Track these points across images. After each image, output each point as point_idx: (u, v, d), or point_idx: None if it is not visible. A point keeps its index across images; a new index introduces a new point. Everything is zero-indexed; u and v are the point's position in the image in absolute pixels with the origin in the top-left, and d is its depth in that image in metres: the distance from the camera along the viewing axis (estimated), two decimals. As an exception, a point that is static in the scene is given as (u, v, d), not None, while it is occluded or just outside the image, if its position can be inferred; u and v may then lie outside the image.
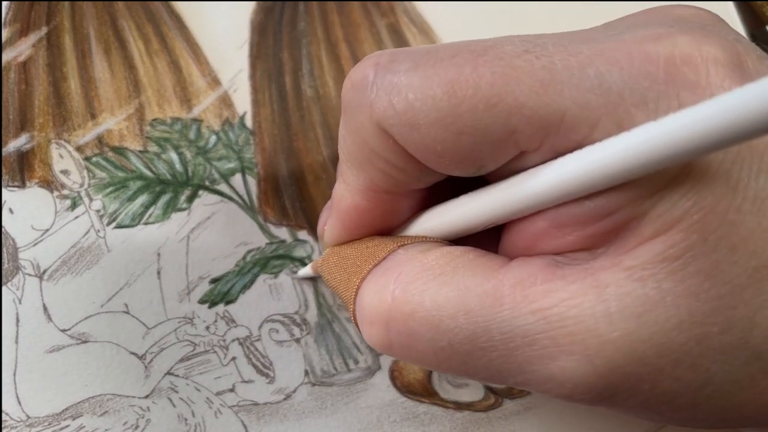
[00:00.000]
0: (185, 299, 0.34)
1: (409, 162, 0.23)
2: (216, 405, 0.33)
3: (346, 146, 0.25)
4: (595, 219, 0.21)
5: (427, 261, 0.24)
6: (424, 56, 0.22)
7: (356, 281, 0.25)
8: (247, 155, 0.36)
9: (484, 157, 0.22)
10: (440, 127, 0.21)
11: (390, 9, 0.40)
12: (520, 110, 0.20)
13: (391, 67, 0.22)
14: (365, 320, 0.25)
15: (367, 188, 0.25)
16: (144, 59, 0.37)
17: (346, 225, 0.27)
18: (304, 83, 0.38)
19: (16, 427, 0.31)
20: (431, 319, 0.23)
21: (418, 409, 0.34)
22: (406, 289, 0.23)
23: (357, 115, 0.23)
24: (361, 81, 0.23)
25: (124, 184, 0.35)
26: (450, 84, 0.21)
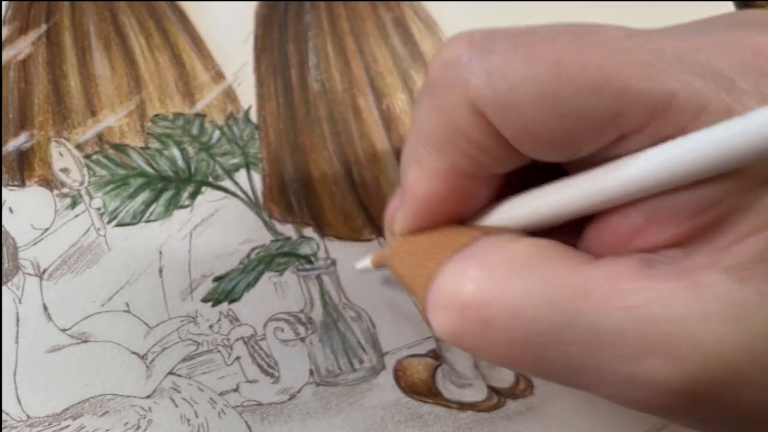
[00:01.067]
0: (188, 298, 0.34)
1: (499, 144, 0.22)
2: (220, 405, 0.33)
3: (428, 127, 0.24)
4: (694, 213, 0.20)
5: (514, 249, 0.23)
6: (524, 36, 0.21)
7: (432, 266, 0.24)
8: (252, 150, 0.36)
9: (583, 141, 0.21)
10: (542, 108, 0.20)
11: (396, 3, 0.40)
12: (629, 92, 0.19)
13: (487, 46, 0.21)
14: (438, 304, 0.23)
15: (448, 172, 0.24)
16: (145, 54, 0.37)
17: (421, 213, 0.26)
18: (310, 77, 0.38)
19: (16, 427, 0.31)
20: (512, 308, 0.22)
21: (421, 409, 0.34)
22: (489, 276, 0.22)
23: (448, 94, 0.22)
24: (454, 59, 0.22)
25: (125, 181, 0.35)
26: (555, 64, 0.20)
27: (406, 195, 0.26)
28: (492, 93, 0.21)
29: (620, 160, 0.21)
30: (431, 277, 0.24)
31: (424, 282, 0.24)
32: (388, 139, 0.37)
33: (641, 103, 0.19)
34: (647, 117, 0.20)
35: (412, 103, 0.38)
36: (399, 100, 0.38)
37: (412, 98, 0.38)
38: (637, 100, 0.19)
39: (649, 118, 0.20)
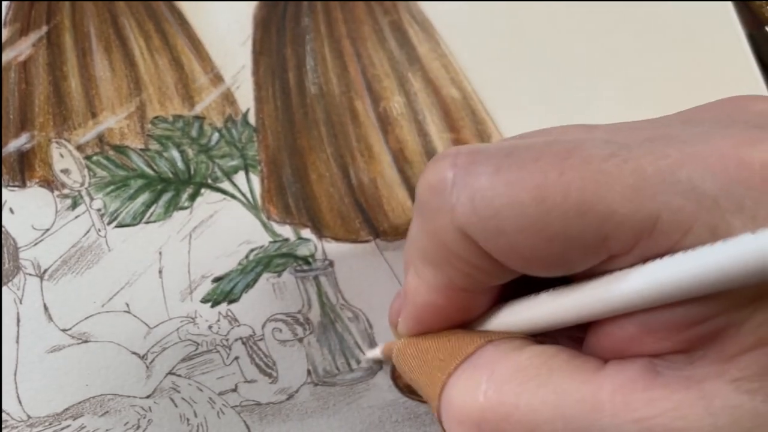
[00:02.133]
0: (187, 298, 0.34)
1: (491, 263, 0.22)
2: (218, 405, 0.33)
3: (423, 246, 0.24)
4: (688, 325, 0.20)
5: (520, 360, 0.23)
6: (506, 159, 0.21)
7: (441, 377, 0.24)
8: (251, 152, 0.36)
9: (573, 261, 0.21)
10: (529, 234, 0.20)
11: (393, 6, 0.40)
12: (613, 217, 0.19)
13: (471, 170, 0.21)
14: (453, 419, 0.24)
15: (445, 286, 0.24)
16: (145, 56, 0.37)
17: (422, 320, 0.26)
18: (308, 80, 0.38)
19: (16, 427, 0.31)
20: (527, 423, 0.22)
21: (419, 409, 0.34)
22: (500, 390, 0.22)
23: (436, 218, 0.22)
24: (439, 183, 0.22)
25: (125, 182, 0.35)
26: (537, 190, 0.20)
27: (406, 299, 0.26)
28: (478, 219, 0.21)
29: (610, 276, 0.21)
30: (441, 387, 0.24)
31: (434, 391, 0.25)
32: (384, 141, 0.37)
33: (626, 227, 0.19)
34: (634, 239, 0.20)
35: (409, 105, 0.38)
36: (396, 103, 0.38)
37: (408, 101, 0.38)
38: (621, 224, 0.19)
39: (636, 240, 0.20)
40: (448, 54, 0.39)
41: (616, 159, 0.20)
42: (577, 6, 0.41)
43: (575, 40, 0.40)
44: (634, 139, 0.20)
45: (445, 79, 0.39)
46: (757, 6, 0.42)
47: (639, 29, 0.41)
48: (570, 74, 0.40)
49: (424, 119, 0.38)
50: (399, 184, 0.37)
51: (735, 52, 0.41)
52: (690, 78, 0.40)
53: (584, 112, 0.39)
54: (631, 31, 0.41)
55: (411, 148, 0.37)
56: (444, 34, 0.40)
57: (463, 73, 0.39)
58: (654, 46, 0.41)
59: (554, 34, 0.40)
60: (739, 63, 0.41)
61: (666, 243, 0.19)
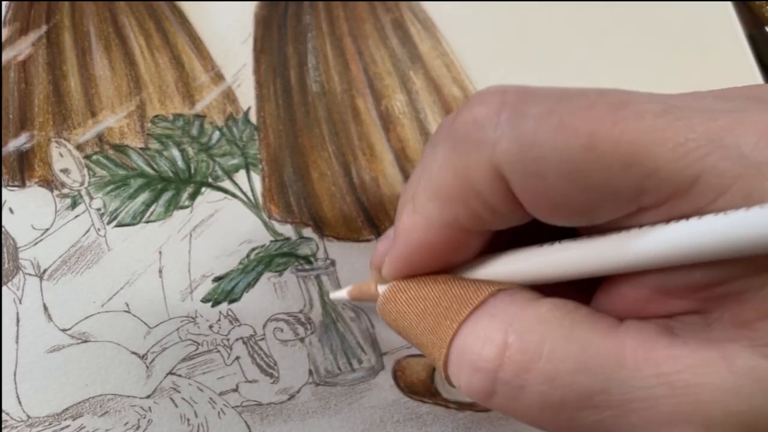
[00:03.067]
0: (188, 298, 0.34)
1: (511, 207, 0.22)
2: (219, 405, 0.33)
3: (440, 179, 0.23)
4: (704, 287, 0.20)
5: (541, 311, 0.23)
6: (558, 102, 0.21)
7: (451, 324, 0.24)
8: (252, 151, 0.36)
9: (601, 212, 0.21)
10: (569, 180, 0.20)
11: (394, 5, 0.40)
12: (657, 173, 0.19)
13: (521, 109, 0.21)
14: (467, 366, 0.23)
15: (447, 224, 0.24)
16: (145, 55, 0.37)
17: (412, 260, 0.25)
18: (309, 78, 0.38)
19: (16, 427, 0.31)
20: (548, 372, 0.22)
21: (420, 409, 0.34)
22: (523, 339, 0.22)
23: (471, 152, 0.22)
24: (485, 117, 0.22)
25: (125, 182, 0.35)
26: (589, 137, 0.20)
27: (397, 239, 0.26)
28: (520, 160, 0.21)
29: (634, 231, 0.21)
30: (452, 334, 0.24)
31: (441, 339, 0.24)
32: (386, 139, 0.37)
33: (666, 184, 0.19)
34: (669, 196, 0.20)
35: (411, 104, 0.38)
36: (397, 101, 0.38)
37: (410, 99, 0.38)
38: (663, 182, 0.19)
39: (670, 197, 0.20)
40: (450, 53, 0.39)
41: (669, 116, 0.19)
42: (577, 6, 0.41)
43: (576, 39, 0.40)
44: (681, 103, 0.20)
45: (446, 78, 0.39)
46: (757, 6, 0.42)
47: (639, 29, 0.41)
48: (570, 73, 0.40)
49: (426, 118, 0.38)
50: (401, 183, 0.37)
51: (735, 52, 0.41)
52: (690, 78, 0.40)
53: (587, 110, 0.39)
54: (631, 32, 0.41)
55: (413, 147, 0.37)
56: (446, 32, 0.40)
57: (465, 71, 0.39)
58: (654, 47, 0.41)
59: (555, 33, 0.40)
60: (739, 63, 0.41)
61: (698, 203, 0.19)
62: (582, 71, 0.40)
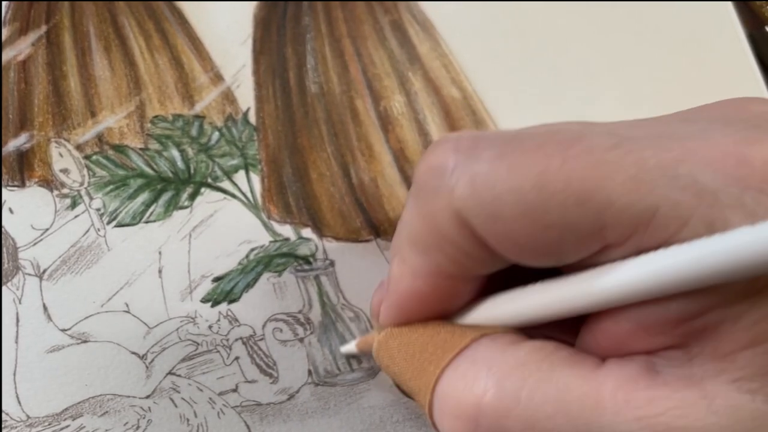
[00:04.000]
0: (187, 298, 0.34)
1: (483, 250, 0.22)
2: (219, 405, 0.33)
3: (413, 229, 0.24)
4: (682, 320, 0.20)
5: (520, 355, 0.23)
6: (509, 144, 0.21)
7: (434, 370, 0.24)
8: (251, 152, 0.36)
9: (567, 250, 0.21)
10: (526, 220, 0.20)
11: (393, 6, 0.40)
12: (612, 207, 0.19)
13: (473, 154, 0.21)
14: (448, 413, 0.24)
15: (431, 273, 0.24)
16: (145, 56, 0.37)
17: (404, 308, 0.26)
18: (308, 79, 0.38)
19: (16, 427, 0.31)
20: (528, 418, 0.22)
21: (420, 409, 0.34)
22: (501, 385, 0.22)
23: (433, 200, 0.22)
24: (440, 165, 0.22)
25: (125, 182, 0.35)
26: (538, 177, 0.20)
27: (390, 287, 0.26)
28: (476, 203, 0.21)
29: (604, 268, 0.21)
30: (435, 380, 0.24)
31: (426, 385, 0.24)
32: (385, 140, 0.37)
33: (624, 218, 0.19)
34: (630, 230, 0.20)
35: (410, 104, 0.38)
36: (396, 102, 0.38)
37: (409, 100, 0.38)
38: (620, 215, 0.19)
39: (632, 231, 0.20)
40: (449, 54, 0.39)
41: (619, 150, 0.20)
42: (577, 6, 0.41)
43: (575, 40, 0.40)
44: (637, 133, 0.20)
45: (445, 79, 0.39)
46: (757, 6, 0.42)
47: (639, 29, 0.41)
48: (570, 74, 0.40)
49: (425, 119, 0.38)
50: (399, 184, 0.37)
51: (735, 52, 0.41)
52: (690, 78, 0.40)
53: (584, 112, 0.39)
54: (631, 32, 0.41)
55: (411, 148, 0.37)
56: (444, 33, 0.40)
57: (464, 72, 0.39)
58: (654, 46, 0.41)
59: (554, 33, 0.40)
60: (739, 63, 0.41)
61: (662, 236, 0.19)
62: (581, 71, 0.40)
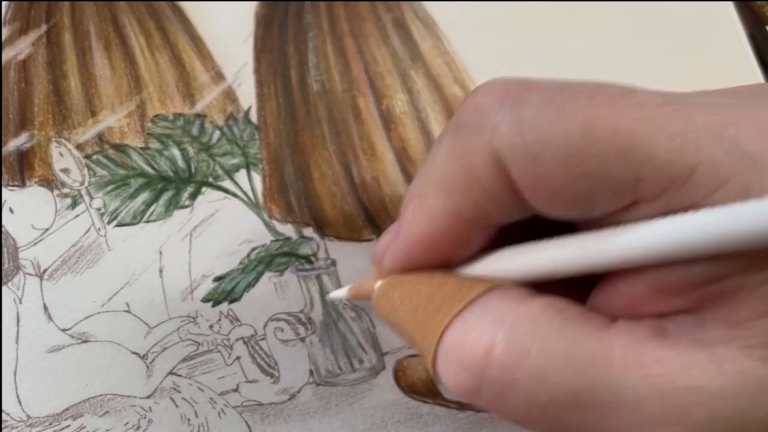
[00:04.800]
0: (188, 298, 0.34)
1: (512, 196, 0.22)
2: (220, 405, 0.33)
3: (443, 167, 0.23)
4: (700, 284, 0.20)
5: (532, 309, 0.23)
6: (560, 90, 0.21)
7: (441, 320, 0.24)
8: (252, 150, 0.36)
9: (598, 202, 0.21)
10: (566, 166, 0.20)
11: (395, 4, 0.40)
12: (653, 161, 0.19)
13: (523, 96, 0.21)
14: (454, 363, 0.23)
15: (449, 215, 0.24)
16: (145, 55, 0.37)
17: (414, 251, 0.25)
18: (310, 77, 0.38)
19: (16, 427, 0.31)
20: (536, 370, 0.22)
21: (421, 409, 0.34)
22: (512, 337, 0.22)
23: (472, 137, 0.22)
24: (487, 104, 0.22)
25: (125, 181, 0.35)
26: (586, 123, 0.20)
27: (401, 230, 0.26)
28: (519, 143, 0.21)
29: (629, 226, 0.21)
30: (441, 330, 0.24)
31: (431, 336, 0.24)
32: (387, 139, 0.37)
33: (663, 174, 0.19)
34: (665, 186, 0.20)
35: (412, 103, 0.38)
36: (399, 101, 0.38)
37: (411, 99, 0.38)
38: (659, 170, 0.19)
39: (666, 187, 0.20)
40: (451, 51, 0.39)
41: (669, 107, 0.20)
42: (579, 4, 0.41)
43: (576, 38, 0.40)
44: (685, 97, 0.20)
45: (447, 77, 0.39)
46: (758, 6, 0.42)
47: (639, 29, 0.41)
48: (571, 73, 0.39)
49: (427, 117, 0.38)
50: (401, 182, 0.37)
51: (735, 52, 0.41)
52: (690, 78, 0.40)
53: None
54: (631, 32, 0.41)
55: (414, 146, 0.37)
56: (447, 31, 0.40)
57: (466, 70, 0.39)
58: (654, 47, 0.41)
59: (556, 32, 0.40)
60: (740, 63, 0.41)
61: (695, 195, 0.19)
62: (583, 70, 0.40)
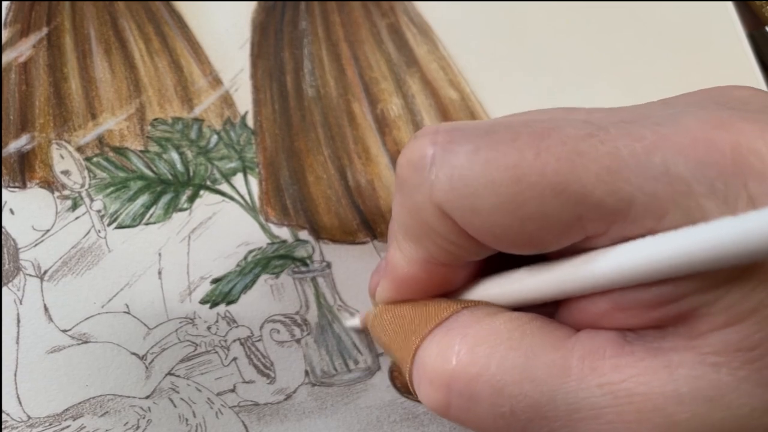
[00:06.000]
0: (186, 299, 0.34)
1: (468, 240, 0.23)
2: (217, 405, 0.33)
3: (403, 221, 0.24)
4: (659, 304, 0.21)
5: (494, 324, 0.23)
6: (484, 138, 0.21)
7: (415, 340, 0.25)
8: (249, 155, 0.36)
9: (547, 241, 0.21)
10: (503, 212, 0.21)
11: (390, 9, 0.40)
12: (587, 198, 0.20)
13: (450, 148, 0.22)
14: (424, 379, 0.24)
15: (424, 260, 0.25)
16: (145, 59, 0.37)
17: (400, 290, 0.27)
18: (305, 83, 0.38)
19: (17, 427, 0.31)
20: (496, 383, 0.22)
21: (417, 409, 0.34)
22: (472, 351, 0.23)
23: (415, 195, 0.23)
24: (418, 160, 0.22)
25: (125, 184, 0.35)
26: (513, 170, 0.20)
27: (387, 270, 0.27)
28: (454, 198, 0.21)
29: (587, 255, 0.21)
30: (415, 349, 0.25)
31: (408, 354, 0.25)
32: (382, 143, 0.38)
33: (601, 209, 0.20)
34: (609, 221, 0.20)
35: (407, 107, 0.38)
36: (393, 105, 0.38)
37: (406, 103, 0.39)
38: (596, 207, 0.20)
39: (611, 222, 0.20)
40: (446, 56, 0.40)
41: (593, 140, 0.20)
42: (576, 6, 0.41)
43: (574, 40, 0.41)
44: (612, 119, 0.21)
45: (443, 81, 0.39)
46: (758, 6, 0.43)
47: (639, 29, 0.41)
48: (569, 75, 0.40)
49: (422, 121, 0.38)
50: (396, 187, 0.37)
51: (735, 52, 0.41)
52: (690, 78, 0.40)
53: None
54: (631, 31, 0.41)
55: (408, 151, 0.38)
56: (442, 35, 0.40)
57: (461, 74, 0.39)
58: (654, 46, 0.41)
59: (553, 34, 0.41)
60: (739, 63, 0.41)
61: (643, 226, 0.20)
62: (580, 72, 0.40)
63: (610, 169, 0.19)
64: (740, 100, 0.22)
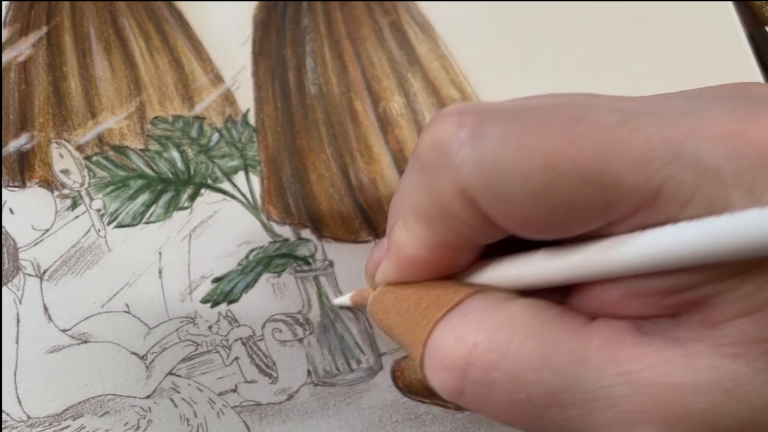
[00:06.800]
0: (187, 299, 0.34)
1: (488, 225, 0.22)
2: (218, 405, 0.33)
3: (419, 202, 0.24)
4: (674, 292, 0.20)
5: (511, 311, 0.23)
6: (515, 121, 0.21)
7: (427, 325, 0.24)
8: (250, 153, 0.36)
9: (571, 227, 0.21)
10: (533, 200, 0.20)
11: (392, 7, 0.40)
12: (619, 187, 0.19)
13: (479, 131, 0.21)
14: (438, 365, 0.24)
15: (434, 243, 0.24)
16: (145, 57, 0.37)
17: (403, 272, 0.26)
18: (307, 80, 0.38)
19: (16, 427, 0.31)
20: (514, 370, 0.22)
21: (419, 409, 0.34)
22: (491, 338, 0.23)
23: (438, 177, 0.22)
24: (445, 141, 0.22)
25: (125, 183, 0.35)
26: (547, 157, 0.20)
27: (391, 250, 0.26)
28: (484, 183, 0.21)
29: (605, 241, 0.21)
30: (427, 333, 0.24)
31: (418, 339, 0.25)
32: (384, 141, 0.37)
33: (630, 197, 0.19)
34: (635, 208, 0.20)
35: (409, 105, 0.38)
36: (395, 103, 0.38)
37: (408, 101, 0.38)
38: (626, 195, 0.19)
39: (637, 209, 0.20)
40: (448, 55, 0.40)
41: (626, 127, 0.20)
42: (577, 6, 0.41)
43: (575, 40, 0.41)
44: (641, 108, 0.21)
45: (444, 80, 0.39)
46: (758, 6, 0.43)
47: (639, 29, 0.41)
48: (570, 74, 0.40)
49: (424, 119, 0.38)
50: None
51: (735, 52, 0.41)
52: (690, 78, 0.40)
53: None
54: (631, 31, 0.41)
55: (410, 149, 0.38)
56: (443, 34, 0.40)
57: (463, 73, 0.39)
58: (654, 46, 0.41)
59: (554, 34, 0.41)
60: (739, 63, 0.41)
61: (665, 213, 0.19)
62: (581, 72, 0.40)
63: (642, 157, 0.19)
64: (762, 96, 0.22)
